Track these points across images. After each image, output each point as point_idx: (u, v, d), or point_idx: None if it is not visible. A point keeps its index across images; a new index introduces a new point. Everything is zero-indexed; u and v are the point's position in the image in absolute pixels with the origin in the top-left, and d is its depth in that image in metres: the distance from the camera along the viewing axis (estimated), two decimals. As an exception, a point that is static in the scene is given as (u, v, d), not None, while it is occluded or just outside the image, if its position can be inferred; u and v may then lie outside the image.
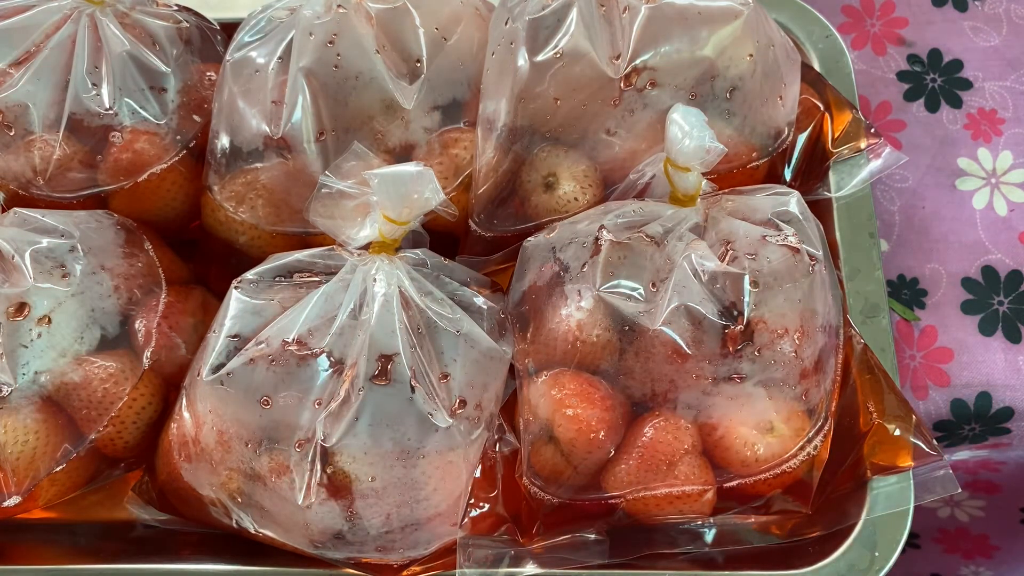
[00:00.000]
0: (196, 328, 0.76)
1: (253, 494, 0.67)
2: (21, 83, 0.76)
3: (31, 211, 0.73)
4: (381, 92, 0.75)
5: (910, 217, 0.87)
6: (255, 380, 0.65)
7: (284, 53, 0.75)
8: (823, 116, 0.83)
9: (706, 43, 0.74)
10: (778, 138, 0.79)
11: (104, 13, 0.78)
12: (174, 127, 0.80)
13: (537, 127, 0.76)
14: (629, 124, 0.75)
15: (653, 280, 0.67)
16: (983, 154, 0.90)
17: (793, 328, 0.66)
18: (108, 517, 0.76)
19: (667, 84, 0.74)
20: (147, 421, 0.73)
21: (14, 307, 0.70)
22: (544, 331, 0.69)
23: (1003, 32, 0.96)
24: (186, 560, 0.72)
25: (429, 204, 0.64)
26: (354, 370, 0.64)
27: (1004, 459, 0.87)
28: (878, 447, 0.69)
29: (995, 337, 0.82)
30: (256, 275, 0.69)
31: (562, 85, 0.74)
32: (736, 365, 0.66)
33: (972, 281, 0.84)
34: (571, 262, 0.69)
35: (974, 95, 0.93)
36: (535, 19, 0.73)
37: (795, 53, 0.81)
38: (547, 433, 0.67)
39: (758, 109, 0.77)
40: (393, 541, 0.67)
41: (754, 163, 0.78)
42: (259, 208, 0.77)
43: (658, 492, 0.67)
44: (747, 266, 0.66)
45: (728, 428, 0.67)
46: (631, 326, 0.66)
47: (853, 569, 0.68)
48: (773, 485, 0.68)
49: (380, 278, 0.66)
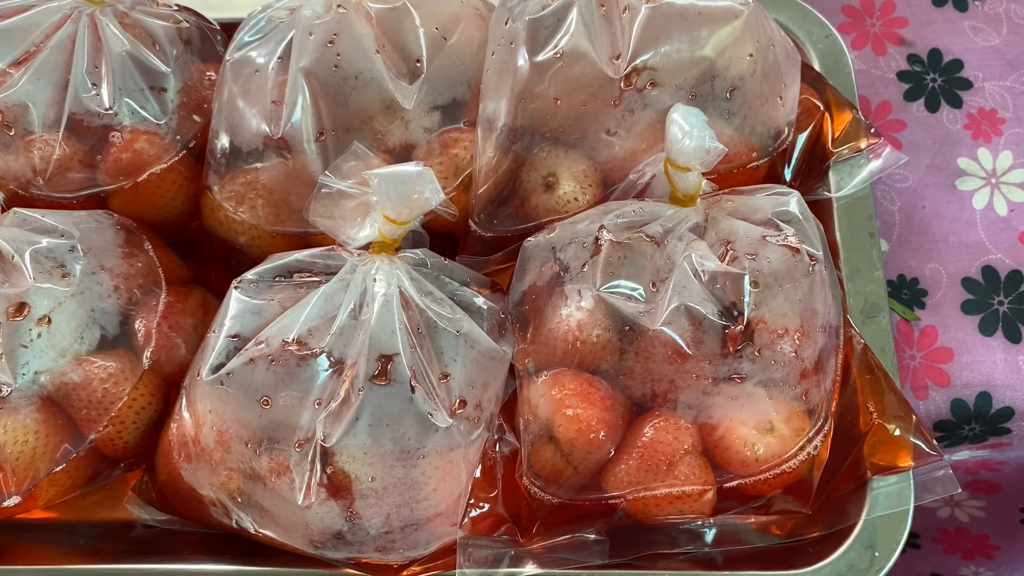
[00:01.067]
0: (196, 328, 0.76)
1: (253, 494, 0.67)
2: (21, 83, 0.76)
3: (31, 211, 0.73)
4: (381, 92, 0.75)
5: (910, 217, 0.87)
6: (255, 380, 0.65)
7: (284, 53, 0.75)
8: (823, 116, 0.83)
9: (706, 43, 0.74)
10: (778, 138, 0.79)
11: (104, 13, 0.78)
12: (174, 127, 0.80)
13: (537, 127, 0.76)
14: (629, 124, 0.75)
15: (653, 280, 0.67)
16: (983, 154, 0.90)
17: (793, 328, 0.66)
18: (108, 517, 0.75)
19: (667, 84, 0.74)
20: (147, 421, 0.73)
21: (14, 307, 0.70)
22: (544, 331, 0.69)
23: (1003, 32, 0.96)
24: (186, 560, 0.72)
25: (429, 204, 0.64)
26: (354, 370, 0.64)
27: (1004, 459, 0.87)
28: (878, 447, 0.69)
29: (995, 337, 0.82)
30: (256, 275, 0.69)
31: (562, 85, 0.74)
32: (736, 365, 0.66)
33: (972, 281, 0.84)
34: (571, 262, 0.69)
35: (974, 95, 0.93)
36: (535, 19, 0.73)
37: (795, 53, 0.81)
38: (547, 433, 0.67)
39: (758, 109, 0.77)
40: (393, 541, 0.67)
41: (754, 163, 0.78)
42: (259, 208, 0.77)
43: (658, 492, 0.67)
44: (747, 266, 0.66)
45: (728, 428, 0.67)
46: (631, 326, 0.66)
47: (853, 569, 0.68)
48: (773, 485, 0.68)
49: (380, 278, 0.66)
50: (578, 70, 0.73)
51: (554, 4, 0.73)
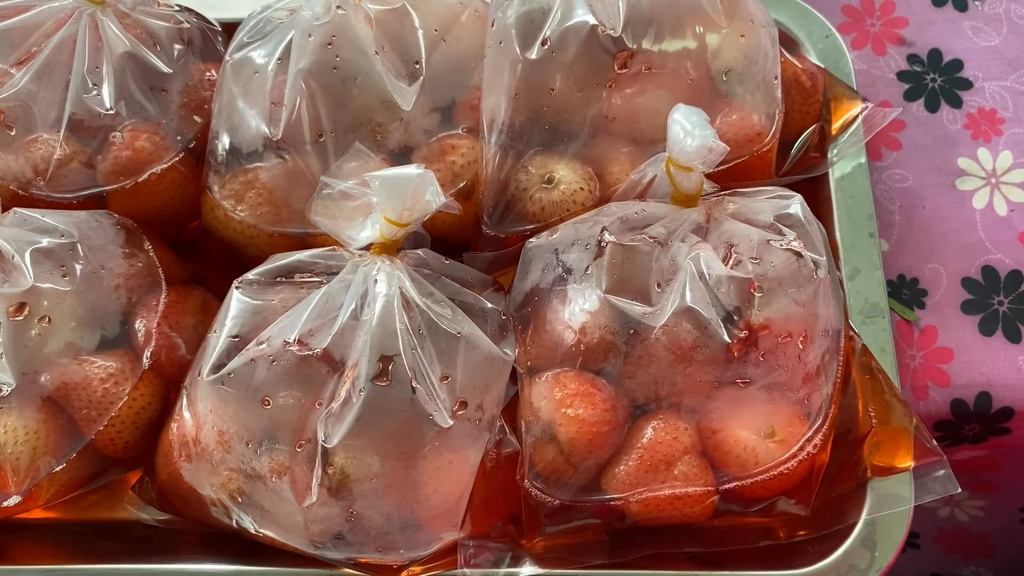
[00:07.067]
0: (196, 328, 0.76)
1: (253, 494, 0.67)
2: (22, 83, 0.76)
3: (31, 211, 0.73)
4: (380, 93, 0.75)
5: (910, 217, 0.87)
6: (256, 380, 0.65)
7: (283, 54, 0.75)
8: (817, 90, 0.83)
9: (699, 24, 0.74)
10: (776, 115, 0.78)
11: (105, 13, 0.78)
12: (174, 127, 0.80)
13: (536, 121, 0.76)
14: (627, 110, 0.75)
15: (657, 281, 0.67)
16: (983, 154, 0.90)
17: (796, 332, 0.66)
18: (108, 517, 0.75)
19: (662, 66, 0.74)
20: (147, 421, 0.73)
21: (14, 307, 0.70)
22: (546, 332, 0.69)
23: (1003, 32, 0.96)
24: (186, 560, 0.71)
25: (430, 207, 0.65)
26: (355, 371, 0.64)
27: (1004, 459, 0.87)
28: (878, 448, 0.69)
29: (995, 337, 0.82)
30: (257, 275, 0.69)
31: (555, 76, 0.74)
32: (739, 369, 0.66)
33: (972, 281, 0.84)
34: (574, 264, 0.69)
35: (974, 95, 0.93)
36: (523, 13, 0.73)
37: (774, 28, 0.81)
38: (548, 433, 0.67)
39: (755, 88, 0.77)
40: (393, 541, 0.67)
41: (763, 146, 0.77)
42: (259, 208, 0.77)
43: (659, 493, 0.67)
44: (751, 270, 0.66)
45: (729, 431, 0.67)
46: (634, 328, 0.66)
47: (853, 569, 0.68)
48: (773, 487, 0.68)
49: (381, 279, 0.66)
50: (570, 59, 0.73)
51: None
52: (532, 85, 0.74)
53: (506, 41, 0.74)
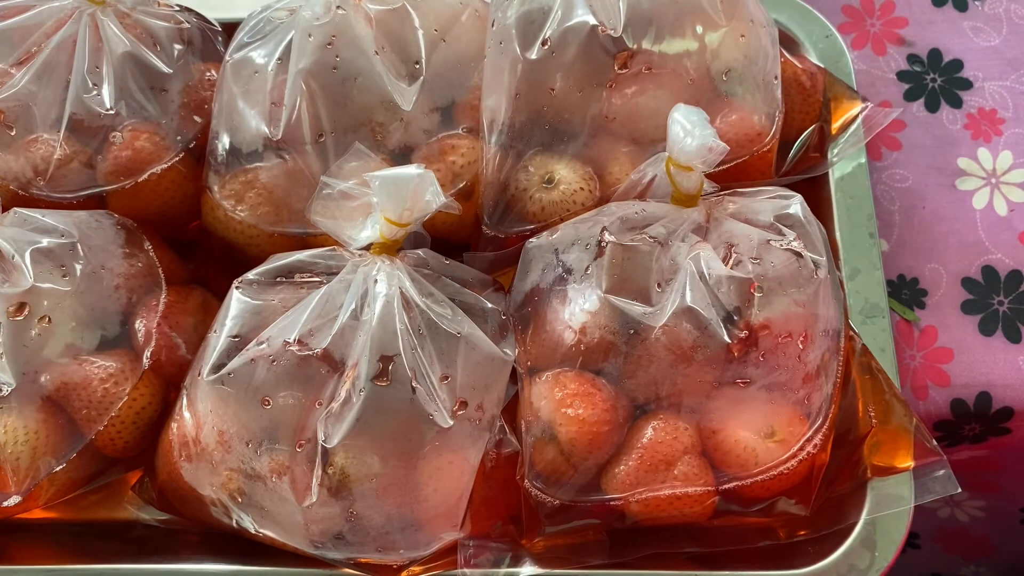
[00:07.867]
0: (196, 328, 0.76)
1: (253, 494, 0.67)
2: (22, 83, 0.76)
3: (31, 211, 0.73)
4: (380, 93, 0.75)
5: (910, 217, 0.87)
6: (256, 380, 0.65)
7: (283, 54, 0.75)
8: (817, 90, 0.82)
9: (700, 24, 0.73)
10: (776, 115, 0.78)
11: (105, 13, 0.78)
12: (174, 127, 0.80)
13: (536, 121, 0.76)
14: (627, 110, 0.75)
15: (657, 281, 0.67)
16: (983, 154, 0.90)
17: (797, 332, 0.66)
18: (108, 517, 0.75)
19: (662, 66, 0.74)
20: (147, 421, 0.73)
21: (14, 307, 0.70)
22: (546, 332, 0.69)
23: (1003, 32, 0.96)
24: (186, 560, 0.72)
25: (430, 207, 0.65)
26: (355, 370, 0.64)
27: (1004, 459, 0.87)
28: (878, 447, 0.69)
29: (995, 337, 0.82)
30: (257, 275, 0.69)
31: (556, 76, 0.74)
32: (739, 369, 0.66)
33: (972, 281, 0.84)
34: (574, 264, 0.69)
35: (974, 95, 0.93)
36: (523, 13, 0.73)
37: (774, 28, 0.81)
38: (548, 433, 0.67)
39: (755, 88, 0.77)
40: (393, 541, 0.67)
41: (763, 146, 0.77)
42: (259, 208, 0.77)
43: (659, 493, 0.67)
44: (751, 270, 0.66)
45: (730, 431, 0.67)
46: (634, 328, 0.66)
47: (853, 569, 0.68)
48: (773, 487, 0.68)
49: (381, 279, 0.66)
50: (570, 59, 0.73)
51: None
52: (532, 85, 0.74)
53: (506, 41, 0.74)
